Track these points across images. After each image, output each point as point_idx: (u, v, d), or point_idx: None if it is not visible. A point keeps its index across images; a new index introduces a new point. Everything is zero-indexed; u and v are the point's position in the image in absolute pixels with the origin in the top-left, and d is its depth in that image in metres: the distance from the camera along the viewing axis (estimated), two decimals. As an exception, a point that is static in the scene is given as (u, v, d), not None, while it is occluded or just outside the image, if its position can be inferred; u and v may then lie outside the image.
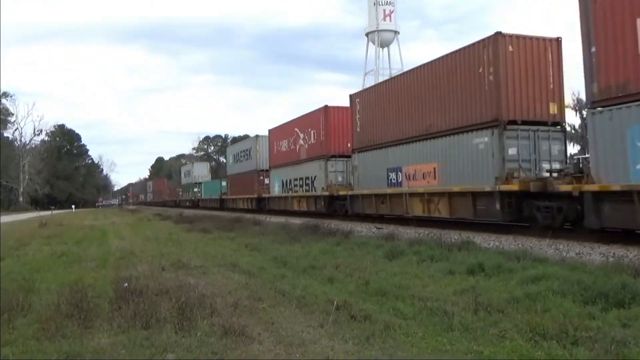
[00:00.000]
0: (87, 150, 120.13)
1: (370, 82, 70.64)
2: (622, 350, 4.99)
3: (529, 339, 5.51)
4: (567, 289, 7.36)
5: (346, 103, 27.65)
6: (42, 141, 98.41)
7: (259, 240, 16.83)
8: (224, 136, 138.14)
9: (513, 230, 17.05)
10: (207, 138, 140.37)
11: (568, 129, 22.71)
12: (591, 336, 5.42)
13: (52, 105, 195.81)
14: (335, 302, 7.17)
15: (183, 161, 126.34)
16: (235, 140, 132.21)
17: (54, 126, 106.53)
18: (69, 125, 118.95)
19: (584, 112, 65.02)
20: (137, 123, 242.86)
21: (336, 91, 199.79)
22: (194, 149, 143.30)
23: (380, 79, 40.96)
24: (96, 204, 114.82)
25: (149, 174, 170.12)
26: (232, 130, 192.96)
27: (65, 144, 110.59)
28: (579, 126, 66.57)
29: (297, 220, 24.86)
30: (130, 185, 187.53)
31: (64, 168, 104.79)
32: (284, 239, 16.55)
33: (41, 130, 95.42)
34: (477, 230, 17.85)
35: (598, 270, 8.64)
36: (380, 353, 5.38)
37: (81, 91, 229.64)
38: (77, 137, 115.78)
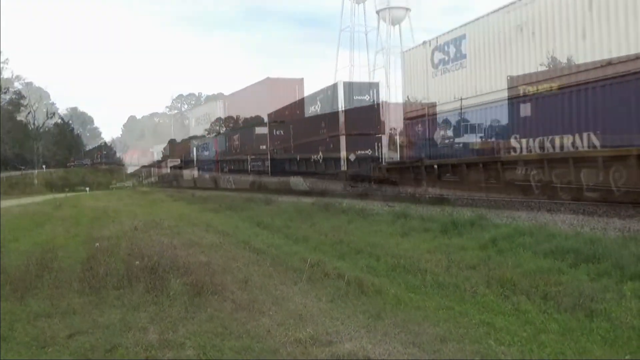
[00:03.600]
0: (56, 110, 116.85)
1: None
2: (590, 304, 5.08)
3: (500, 294, 5.59)
4: (537, 246, 7.46)
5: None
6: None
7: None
8: (197, 94, 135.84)
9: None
10: (180, 96, 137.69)
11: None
12: (560, 291, 5.51)
13: (19, 60, 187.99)
14: (309, 260, 7.18)
15: (156, 120, 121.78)
16: (209, 98, 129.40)
17: (21, 83, 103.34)
18: (37, 84, 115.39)
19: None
20: (110, 80, 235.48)
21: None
22: (167, 107, 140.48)
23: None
24: (67, 164, 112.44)
25: (121, 133, 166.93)
26: (206, 89, 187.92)
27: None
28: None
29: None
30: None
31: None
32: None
33: (7, 89, 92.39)
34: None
35: (569, 228, 8.77)
36: (353, 310, 5.40)
37: (50, 44, 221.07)
38: (46, 95, 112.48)
